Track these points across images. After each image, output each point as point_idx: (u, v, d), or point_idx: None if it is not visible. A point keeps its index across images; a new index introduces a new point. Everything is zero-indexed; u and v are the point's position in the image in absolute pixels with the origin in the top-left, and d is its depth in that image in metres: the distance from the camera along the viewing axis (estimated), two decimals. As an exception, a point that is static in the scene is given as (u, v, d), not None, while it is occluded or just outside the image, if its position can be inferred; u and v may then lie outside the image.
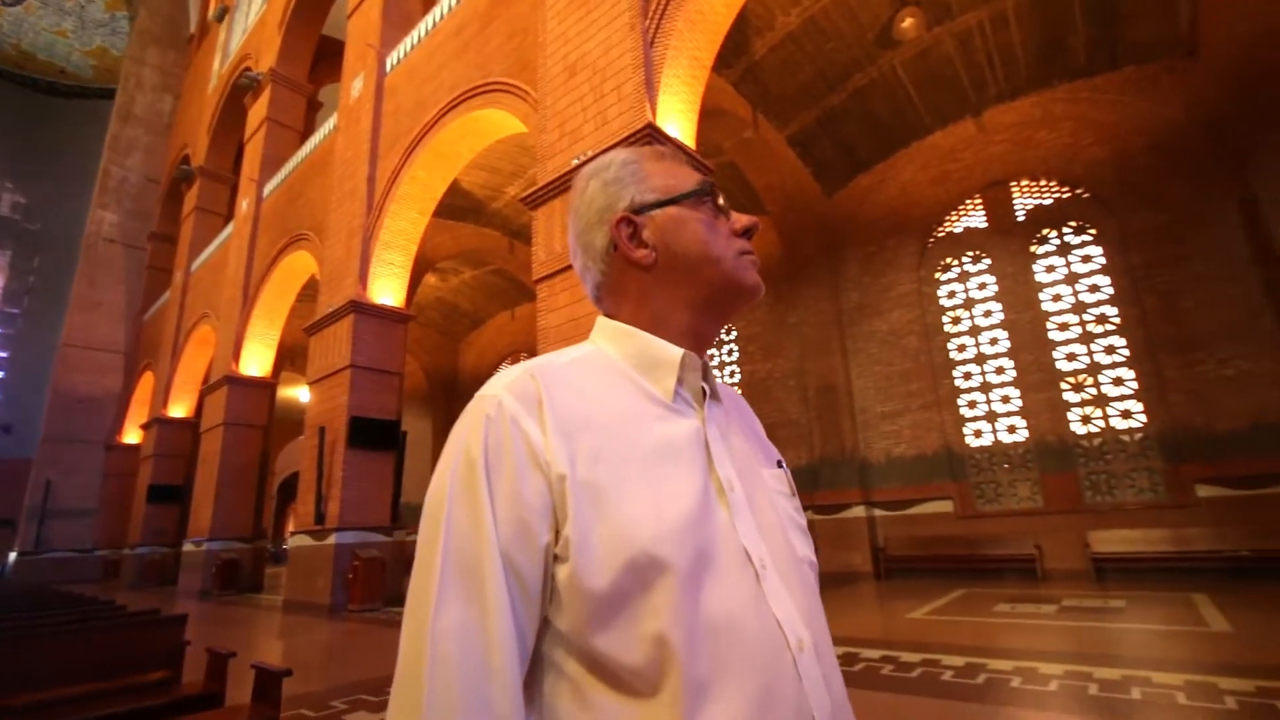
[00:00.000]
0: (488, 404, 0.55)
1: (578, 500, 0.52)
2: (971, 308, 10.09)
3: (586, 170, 0.72)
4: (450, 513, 0.53)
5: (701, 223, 0.66)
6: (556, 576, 0.52)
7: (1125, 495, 8.28)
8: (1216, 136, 8.34)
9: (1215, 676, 3.52)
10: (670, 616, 0.50)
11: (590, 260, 0.69)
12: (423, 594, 0.51)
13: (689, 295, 0.65)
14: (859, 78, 9.92)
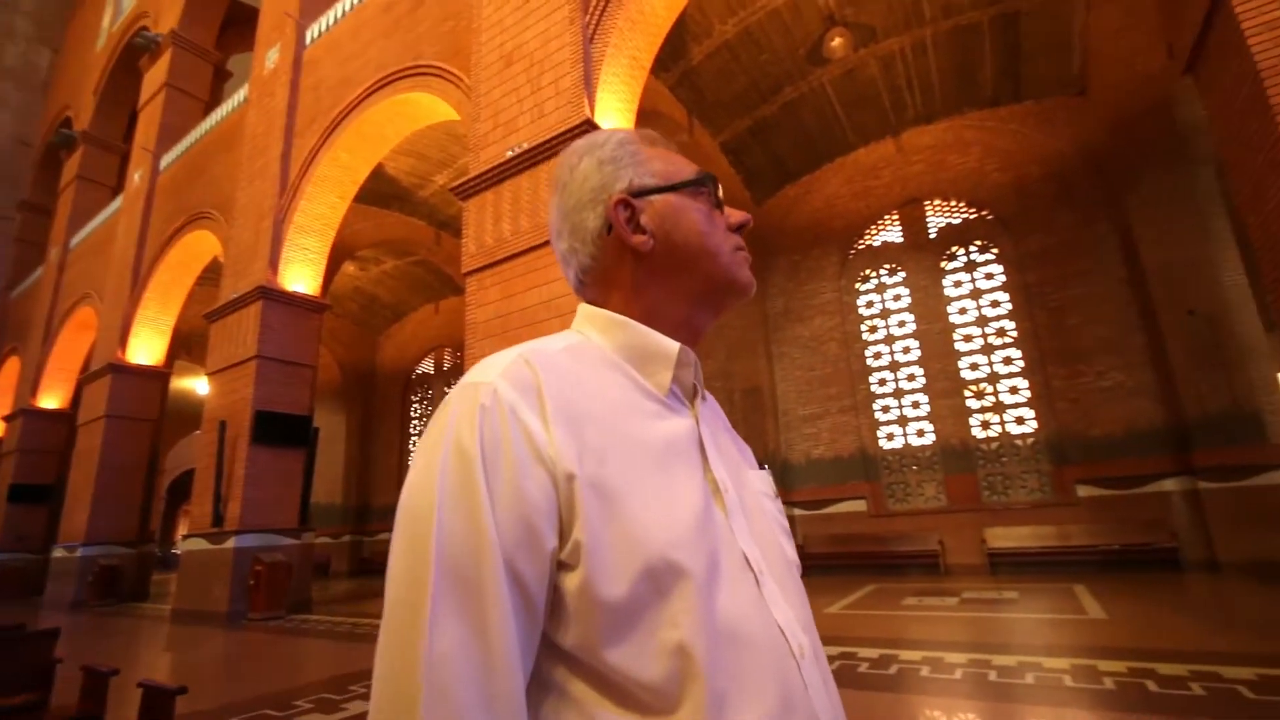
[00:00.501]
0: (481, 392, 0.49)
1: (587, 501, 0.48)
2: (887, 317, 10.66)
3: (578, 146, 0.67)
4: (441, 515, 0.46)
5: (700, 213, 0.63)
6: (563, 586, 0.47)
7: (1018, 495, 9.01)
8: (1099, 169, 9.22)
9: (1095, 660, 3.87)
10: (690, 626, 0.46)
11: (579, 242, 0.63)
12: (410, 612, 0.44)
13: (685, 287, 0.62)
14: (790, 91, 10.25)
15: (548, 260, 6.42)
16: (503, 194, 6.97)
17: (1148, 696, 3.19)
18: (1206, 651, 3.90)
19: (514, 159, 6.81)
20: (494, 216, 7.00)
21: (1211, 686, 3.26)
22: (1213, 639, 4.25)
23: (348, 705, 3.86)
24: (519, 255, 6.65)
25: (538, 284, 6.46)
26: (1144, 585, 6.53)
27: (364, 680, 4.50)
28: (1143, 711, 3.00)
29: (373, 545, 16.27)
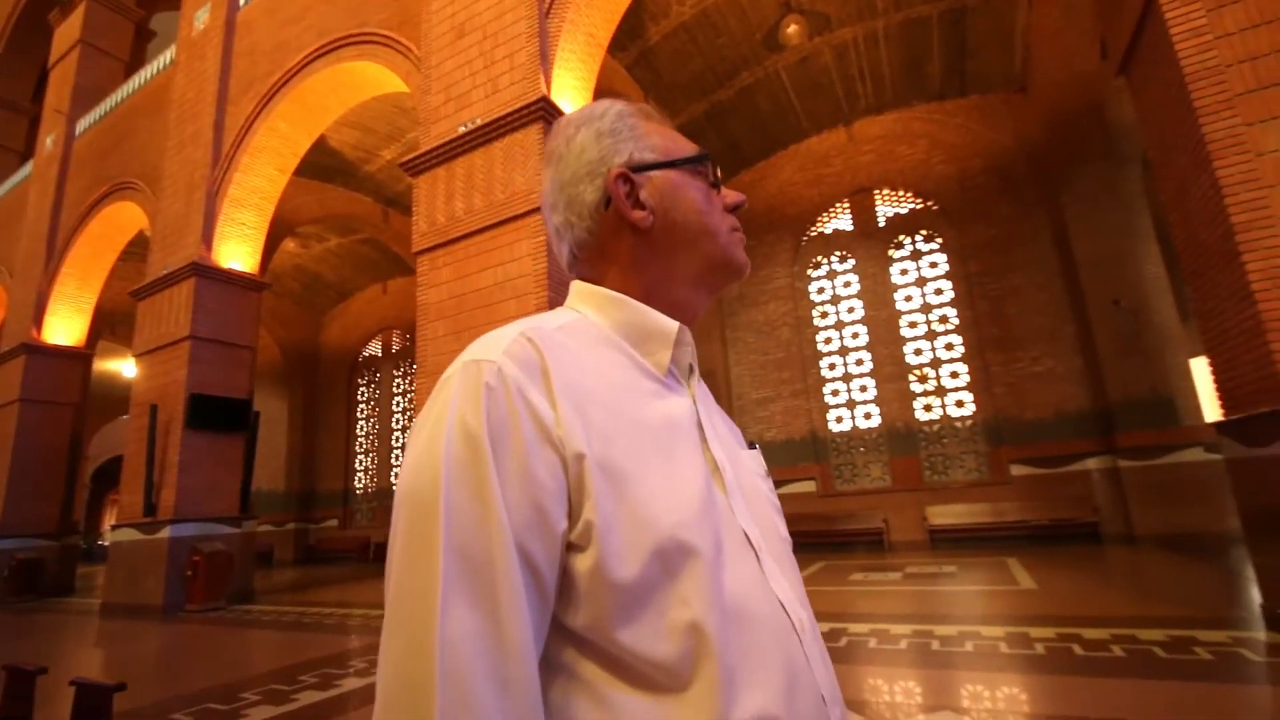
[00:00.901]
0: (485, 370, 0.48)
1: (597, 482, 0.47)
2: (838, 303, 10.93)
3: (574, 117, 0.65)
4: (449, 498, 0.44)
5: (699, 191, 0.62)
6: (573, 567, 0.46)
7: (956, 474, 9.47)
8: (1036, 164, 9.65)
9: (1027, 627, 4.13)
10: (701, 605, 0.46)
11: (575, 216, 0.62)
12: (419, 598, 0.43)
13: (683, 266, 0.61)
14: (746, 76, 10.28)
15: (503, 240, 6.28)
16: (455, 171, 6.77)
17: (1074, 659, 3.42)
18: (1125, 616, 4.22)
19: (467, 135, 6.61)
20: (446, 194, 6.79)
21: (1130, 648, 3.53)
22: (1130, 605, 4.59)
23: (298, 696, 3.75)
24: (473, 234, 6.49)
25: (492, 264, 6.32)
26: (1070, 557, 6.99)
27: (315, 670, 4.38)
28: (1070, 673, 3.22)
29: (319, 533, 15.79)
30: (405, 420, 15.59)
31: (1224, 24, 3.81)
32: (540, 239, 6.05)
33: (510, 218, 6.25)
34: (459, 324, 6.41)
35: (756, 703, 0.46)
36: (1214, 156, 3.73)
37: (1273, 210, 3.52)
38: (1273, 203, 3.53)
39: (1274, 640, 3.49)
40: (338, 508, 15.74)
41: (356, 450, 16.21)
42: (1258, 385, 3.59)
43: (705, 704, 0.45)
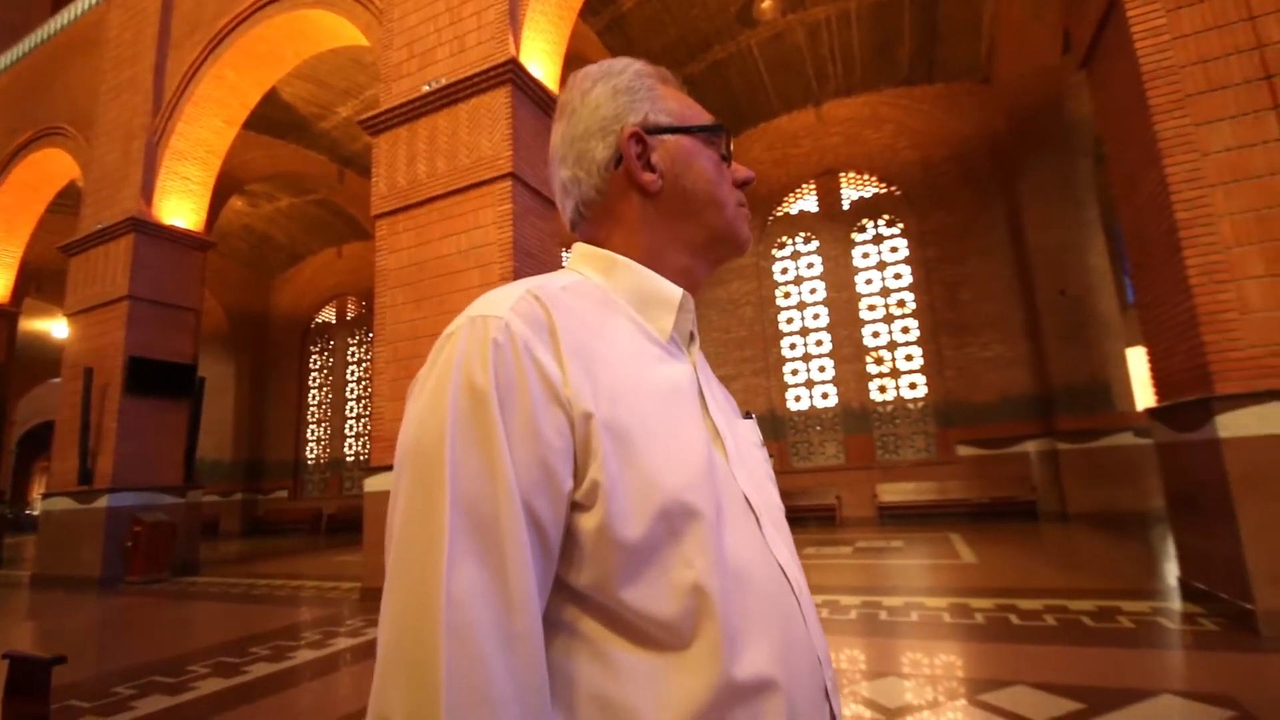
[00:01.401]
0: (493, 327, 0.47)
1: (604, 442, 0.47)
2: (800, 284, 11.07)
3: (591, 71, 0.63)
4: (454, 454, 0.44)
5: (711, 161, 0.62)
6: (578, 527, 0.46)
7: (907, 454, 9.82)
8: (996, 154, 9.90)
9: (968, 598, 4.35)
10: (705, 565, 0.47)
11: (583, 172, 0.61)
12: (424, 553, 0.42)
13: (688, 234, 0.61)
14: (719, 50, 10.15)
15: (468, 206, 6.11)
16: (418, 132, 6.52)
17: (1011, 628, 3.63)
18: (1057, 588, 4.49)
19: (431, 94, 6.36)
20: (408, 156, 6.54)
21: (1061, 617, 3.76)
22: (1062, 578, 4.88)
23: (249, 668, 3.68)
24: (436, 199, 6.29)
25: (456, 231, 6.16)
26: (1009, 533, 7.37)
27: (266, 642, 4.29)
28: (1007, 641, 3.42)
29: (268, 504, 15.36)
30: (360, 390, 15.19)
31: (1181, 25, 3.93)
32: (506, 207, 5.91)
33: (475, 183, 6.07)
34: (419, 291, 6.24)
35: (756, 662, 0.47)
36: (1163, 154, 3.88)
37: (1213, 209, 3.70)
38: (1213, 202, 3.71)
39: (1189, 610, 3.77)
40: (288, 478, 15.33)
41: (308, 420, 15.75)
42: (1189, 374, 3.81)
43: (707, 662, 0.45)
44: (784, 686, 0.48)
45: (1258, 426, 3.38)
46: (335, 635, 4.47)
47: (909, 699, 2.74)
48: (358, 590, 6.05)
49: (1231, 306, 3.55)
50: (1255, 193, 3.61)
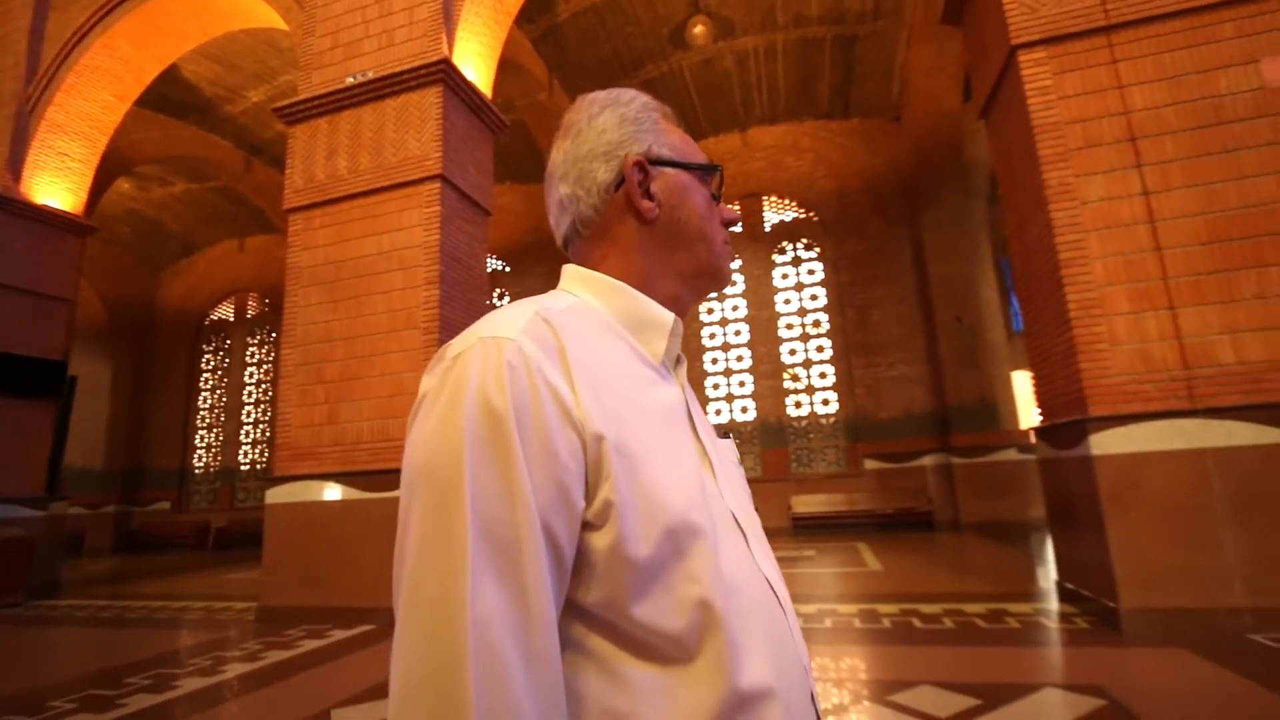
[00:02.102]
0: (506, 349, 0.48)
1: (616, 463, 0.48)
2: (723, 301, 11.42)
3: (599, 96, 0.66)
4: (473, 475, 0.44)
5: (704, 198, 0.65)
6: (589, 546, 0.47)
7: (819, 467, 10.31)
8: (904, 189, 10.67)
9: (876, 604, 4.60)
10: (708, 581, 0.49)
11: (583, 191, 0.62)
12: (445, 574, 0.42)
13: (677, 264, 0.63)
14: (651, 69, 10.38)
15: (391, 206, 5.88)
16: (340, 125, 6.22)
17: (914, 631, 3.88)
18: (953, 593, 4.84)
19: (357, 87, 6.10)
20: (328, 149, 6.23)
21: (958, 620, 4.06)
22: (957, 583, 5.27)
23: (126, 700, 3.31)
24: (358, 196, 6.02)
25: (378, 231, 5.91)
26: (909, 542, 7.87)
27: (145, 671, 3.89)
28: (912, 644, 3.65)
29: (145, 517, 13.91)
30: (260, 393, 14.14)
31: (1065, 87, 4.42)
32: (434, 209, 5.74)
33: (401, 183, 5.86)
34: (336, 292, 5.93)
35: (757, 671, 0.49)
36: (1049, 200, 4.32)
37: (1089, 252, 4.16)
38: (1089, 245, 4.17)
39: (1064, 610, 4.18)
40: (171, 489, 13.98)
41: (198, 424, 14.47)
42: (1068, 398, 4.25)
43: (712, 674, 0.47)
44: (781, 694, 0.50)
45: (1122, 445, 3.82)
46: (227, 660, 4.12)
47: (824, 703, 2.86)
48: (253, 610, 5.61)
49: (1103, 339, 4.00)
50: (1123, 239, 4.10)
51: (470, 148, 6.38)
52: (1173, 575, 3.63)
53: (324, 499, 5.52)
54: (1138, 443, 3.79)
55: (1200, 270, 3.91)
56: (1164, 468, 3.74)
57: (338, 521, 5.43)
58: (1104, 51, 4.34)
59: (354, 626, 4.90)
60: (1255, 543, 3.55)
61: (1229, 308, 3.83)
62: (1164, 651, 3.24)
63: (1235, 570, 3.54)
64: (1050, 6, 4.46)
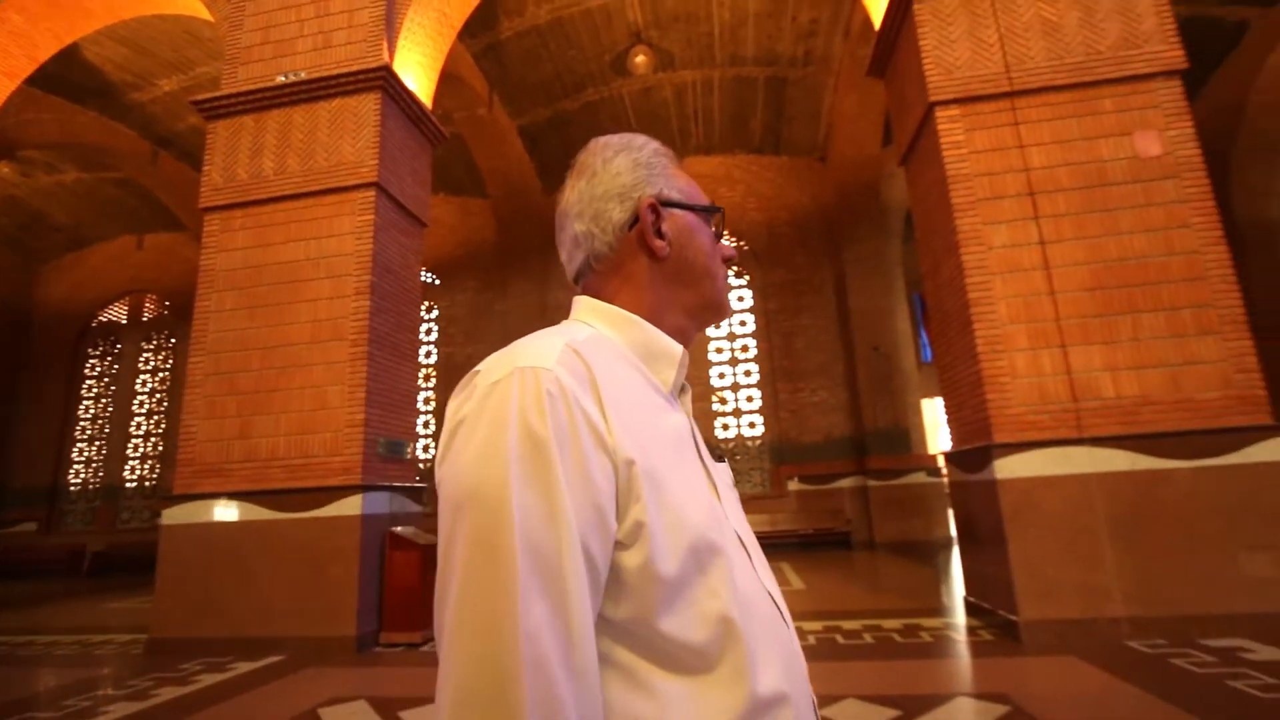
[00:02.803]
0: (545, 379, 0.51)
1: (646, 485, 0.51)
2: (656, 323, 11.59)
3: (613, 141, 0.70)
4: (520, 499, 0.47)
5: (709, 238, 0.70)
6: (620, 564, 0.50)
7: (745, 488, 10.57)
8: (828, 225, 11.30)
9: (800, 621, 4.76)
10: (727, 595, 0.52)
11: (599, 229, 0.66)
12: (497, 593, 0.45)
13: (684, 299, 0.68)
14: (592, 93, 10.54)
15: (321, 212, 5.65)
16: (267, 124, 5.94)
17: (838, 647, 4.04)
18: (872, 610, 5.08)
19: (288, 87, 5.86)
20: (253, 148, 5.92)
21: (877, 635, 4.27)
22: (874, 600, 5.54)
23: (-10, 749, 2.93)
24: (284, 199, 5.74)
25: (305, 236, 5.65)
26: (829, 561, 8.19)
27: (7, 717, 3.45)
28: (836, 659, 3.80)
29: (11, 538, 12.31)
30: (153, 403, 12.97)
31: (975, 143, 4.88)
32: (368, 218, 5.55)
33: (334, 188, 5.65)
34: (255, 298, 5.59)
35: (772, 678, 0.53)
36: (960, 245, 4.73)
37: (994, 293, 4.57)
38: (995, 287, 4.59)
39: (971, 623, 4.48)
40: (40, 507, 12.49)
41: (77, 436, 13.07)
42: (976, 425, 4.61)
43: (733, 682, 0.51)
44: (793, 699, 0.54)
45: (1022, 470, 4.18)
46: (110, 700, 3.73)
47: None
48: (141, 643, 5.10)
49: (1006, 372, 4.38)
50: (1023, 282, 4.53)
51: (408, 158, 6.24)
52: (1063, 589, 3.99)
53: (228, 520, 5.13)
54: (1035, 468, 4.16)
55: (1086, 313, 4.38)
56: (1056, 491, 4.12)
57: (245, 544, 5.06)
58: (1008, 114, 4.82)
59: (260, 658, 4.56)
60: (1130, 559, 3.96)
61: (1109, 348, 4.31)
62: (1058, 659, 3.54)
63: (1115, 583, 3.93)
64: (964, 70, 4.92)
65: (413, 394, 6.09)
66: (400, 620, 4.87)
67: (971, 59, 4.92)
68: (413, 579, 4.98)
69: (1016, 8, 4.93)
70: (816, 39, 9.36)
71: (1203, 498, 3.96)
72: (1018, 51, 4.86)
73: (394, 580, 4.97)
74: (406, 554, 5.05)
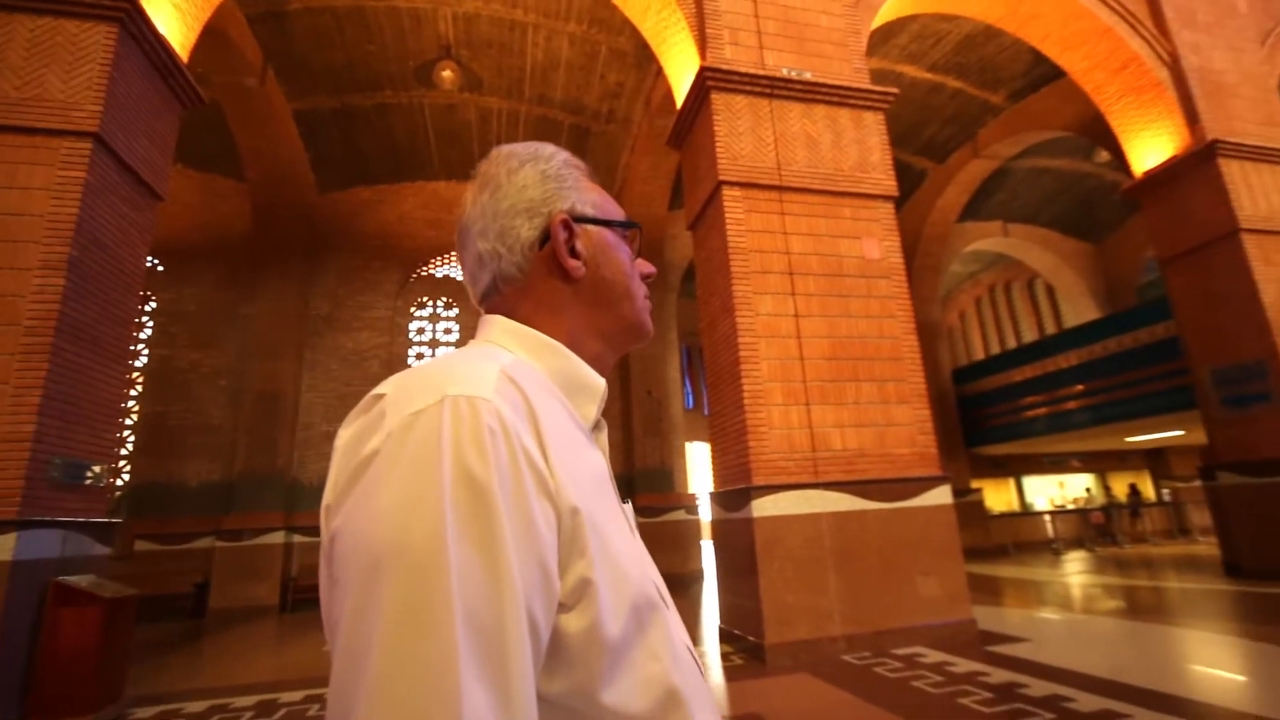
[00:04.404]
0: (485, 413, 0.43)
1: (591, 537, 0.46)
2: (435, 348, 10.95)
3: (517, 150, 0.64)
4: (457, 557, 0.38)
5: (626, 255, 0.65)
6: (563, 629, 0.43)
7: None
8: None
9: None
10: (667, 656, 0.48)
11: (505, 248, 0.60)
12: (433, 675, 0.35)
13: (601, 323, 0.62)
14: (390, 95, 9.85)
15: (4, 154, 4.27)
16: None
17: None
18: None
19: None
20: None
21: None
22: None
23: None
24: (-64, 129, 4.22)
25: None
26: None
27: None
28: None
29: None
30: None
31: (751, 222, 5.65)
32: (78, 174, 4.37)
33: (26, 128, 4.33)
34: None
35: None
36: (735, 308, 5.38)
37: (760, 353, 5.27)
38: (760, 348, 5.29)
39: (725, 649, 4.92)
40: None
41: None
42: (738, 469, 5.19)
43: None
44: None
45: (773, 509, 4.80)
46: None
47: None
48: None
49: (765, 423, 5.04)
50: (781, 347, 5.30)
51: (148, 114, 5.09)
52: (798, 613, 4.62)
53: None
54: (782, 507, 4.81)
55: (825, 378, 5.28)
56: (797, 528, 4.81)
57: None
58: (777, 203, 5.70)
59: None
60: (845, 585, 4.77)
61: (838, 408, 5.23)
62: (794, 677, 4.07)
63: (835, 606, 4.69)
64: (747, 159, 5.70)
65: (116, 403, 4.81)
66: (61, 700, 3.68)
67: (753, 151, 5.73)
68: (86, 643, 3.82)
69: (788, 119, 5.91)
70: (620, 100, 10.06)
71: (894, 533, 4.97)
72: (786, 154, 5.80)
73: (57, 645, 3.76)
74: (80, 611, 3.87)
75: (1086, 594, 6.60)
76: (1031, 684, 3.44)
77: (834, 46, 6.27)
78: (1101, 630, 4.84)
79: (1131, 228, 13.35)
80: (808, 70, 6.05)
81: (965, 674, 3.73)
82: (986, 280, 16.34)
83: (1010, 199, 13.17)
